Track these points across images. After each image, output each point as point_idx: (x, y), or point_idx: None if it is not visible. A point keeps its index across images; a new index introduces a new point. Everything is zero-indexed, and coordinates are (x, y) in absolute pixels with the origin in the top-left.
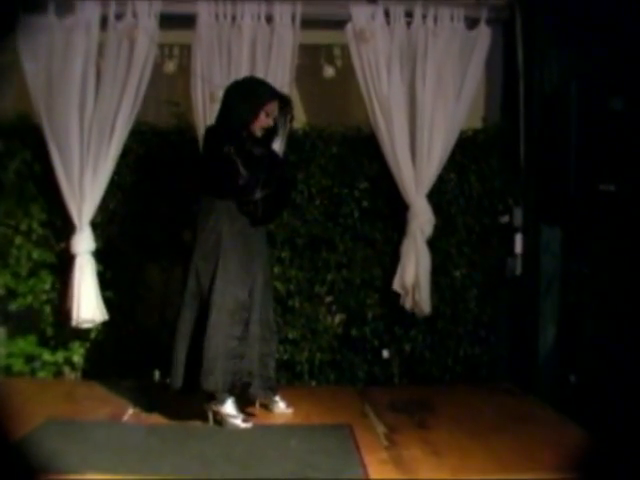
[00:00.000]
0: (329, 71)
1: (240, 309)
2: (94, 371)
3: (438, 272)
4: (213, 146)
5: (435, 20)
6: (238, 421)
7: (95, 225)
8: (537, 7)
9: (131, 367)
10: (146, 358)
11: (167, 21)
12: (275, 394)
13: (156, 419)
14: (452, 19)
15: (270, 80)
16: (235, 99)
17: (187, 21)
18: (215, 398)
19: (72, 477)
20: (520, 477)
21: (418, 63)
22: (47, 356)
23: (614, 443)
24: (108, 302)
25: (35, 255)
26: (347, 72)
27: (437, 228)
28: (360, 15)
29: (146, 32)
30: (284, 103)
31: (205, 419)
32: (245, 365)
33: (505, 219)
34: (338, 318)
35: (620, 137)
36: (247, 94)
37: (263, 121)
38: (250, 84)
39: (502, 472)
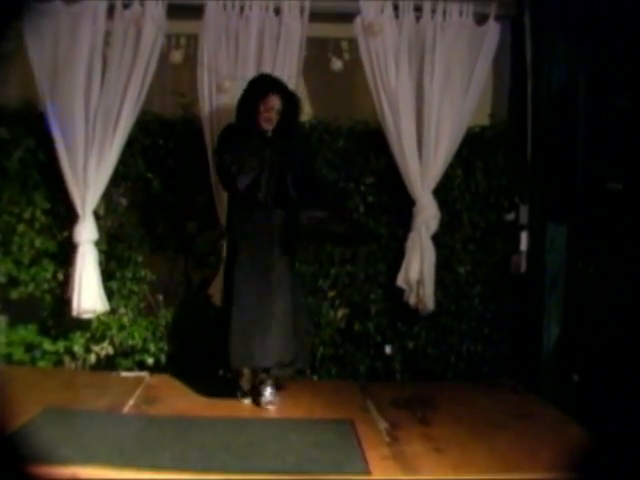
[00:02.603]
0: (337, 64)
1: (252, 301)
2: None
3: (442, 268)
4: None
5: (444, 15)
6: (238, 394)
7: (98, 215)
8: (546, 4)
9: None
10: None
11: (174, 10)
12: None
13: (156, 410)
14: (461, 14)
15: (277, 72)
16: (241, 95)
17: (194, 11)
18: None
19: (70, 468)
20: (521, 475)
21: (426, 58)
22: (47, 345)
23: (616, 442)
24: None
25: (38, 243)
26: (355, 65)
27: (442, 224)
28: (369, 8)
29: (153, 21)
30: (289, 99)
31: (206, 411)
32: (262, 349)
33: (511, 216)
34: (341, 313)
35: (628, 135)
36: (248, 89)
37: (263, 115)
38: (252, 80)
39: (503, 470)
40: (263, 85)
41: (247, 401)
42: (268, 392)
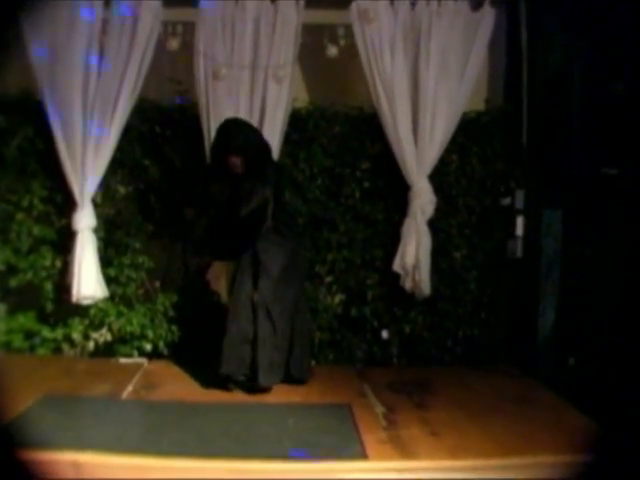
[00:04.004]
0: (332, 51)
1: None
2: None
3: (438, 253)
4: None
5: (439, 1)
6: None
7: (96, 202)
8: None
9: None
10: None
11: None
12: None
13: (155, 396)
14: (456, 0)
15: (273, 59)
16: (212, 141)
17: None
18: None
19: (69, 454)
20: (517, 458)
21: (421, 43)
22: (46, 332)
23: (612, 426)
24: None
25: (36, 231)
26: (350, 52)
27: (438, 209)
28: None
29: (149, 9)
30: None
31: (204, 397)
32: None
33: (507, 201)
34: (338, 298)
35: (622, 120)
36: (215, 139)
37: (230, 164)
38: (219, 131)
39: (500, 453)
40: (224, 147)
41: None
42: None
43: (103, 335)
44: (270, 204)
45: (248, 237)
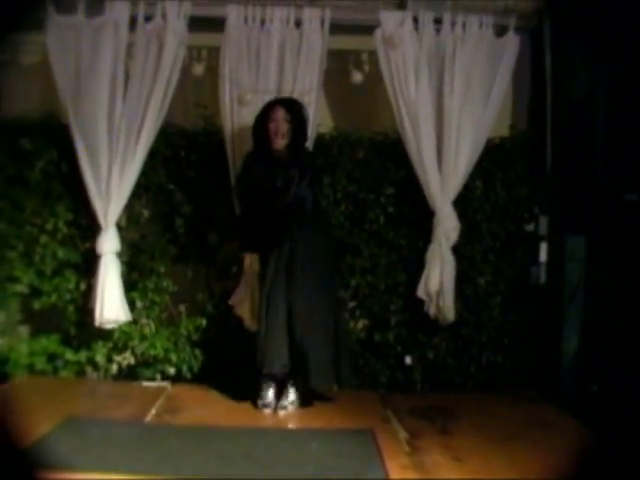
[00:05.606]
0: (357, 76)
1: (273, 308)
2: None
3: (462, 279)
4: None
5: (463, 27)
6: (259, 403)
7: (120, 226)
8: (565, 15)
9: None
10: None
11: (196, 23)
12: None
13: (178, 420)
14: (480, 26)
15: (298, 84)
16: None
17: (216, 23)
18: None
19: (91, 476)
20: None
21: (446, 69)
22: (70, 355)
23: (635, 453)
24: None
25: (60, 254)
26: (375, 78)
27: (462, 235)
28: (389, 21)
29: (175, 34)
30: (291, 109)
31: (227, 421)
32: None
33: (530, 227)
34: (361, 323)
35: None
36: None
37: (272, 127)
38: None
39: (522, 479)
40: (268, 105)
41: (268, 410)
42: (287, 399)
43: (126, 358)
44: (308, 202)
45: (282, 230)
